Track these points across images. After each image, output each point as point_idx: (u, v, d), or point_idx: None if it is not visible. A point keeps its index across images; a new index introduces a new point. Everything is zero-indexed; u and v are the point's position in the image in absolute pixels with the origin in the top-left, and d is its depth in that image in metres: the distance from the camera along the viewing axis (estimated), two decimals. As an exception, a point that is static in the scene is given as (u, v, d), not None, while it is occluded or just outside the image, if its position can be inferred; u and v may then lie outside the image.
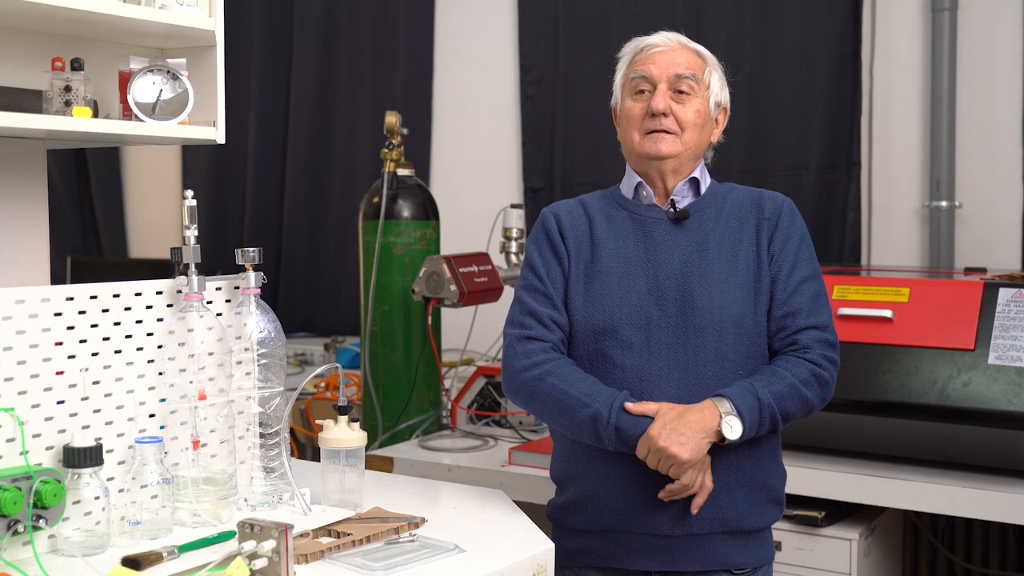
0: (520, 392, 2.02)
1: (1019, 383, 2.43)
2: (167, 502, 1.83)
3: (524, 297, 2.07)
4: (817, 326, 2.00)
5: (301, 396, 3.64)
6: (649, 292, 2.00)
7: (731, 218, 2.05)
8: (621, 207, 2.09)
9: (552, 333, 2.03)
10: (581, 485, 2.05)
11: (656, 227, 2.05)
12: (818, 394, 1.98)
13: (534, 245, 2.11)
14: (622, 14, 4.03)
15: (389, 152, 3.26)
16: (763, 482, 2.02)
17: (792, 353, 1.98)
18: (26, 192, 2.22)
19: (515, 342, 2.03)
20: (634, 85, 2.05)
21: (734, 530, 1.99)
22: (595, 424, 1.92)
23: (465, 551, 1.77)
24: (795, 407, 1.95)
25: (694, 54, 2.07)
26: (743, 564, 2.02)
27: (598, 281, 2.03)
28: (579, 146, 4.20)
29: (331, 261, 4.85)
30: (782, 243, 2.04)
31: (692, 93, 2.03)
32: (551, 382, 1.96)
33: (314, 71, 4.85)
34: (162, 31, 2.08)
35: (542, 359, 1.99)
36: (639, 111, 2.04)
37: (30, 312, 1.74)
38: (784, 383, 1.94)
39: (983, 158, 3.51)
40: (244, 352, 2.02)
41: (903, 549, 3.00)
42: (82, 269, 4.69)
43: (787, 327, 2.00)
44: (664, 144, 2.02)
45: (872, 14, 3.66)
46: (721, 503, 1.97)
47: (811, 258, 2.06)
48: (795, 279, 2.01)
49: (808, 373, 1.96)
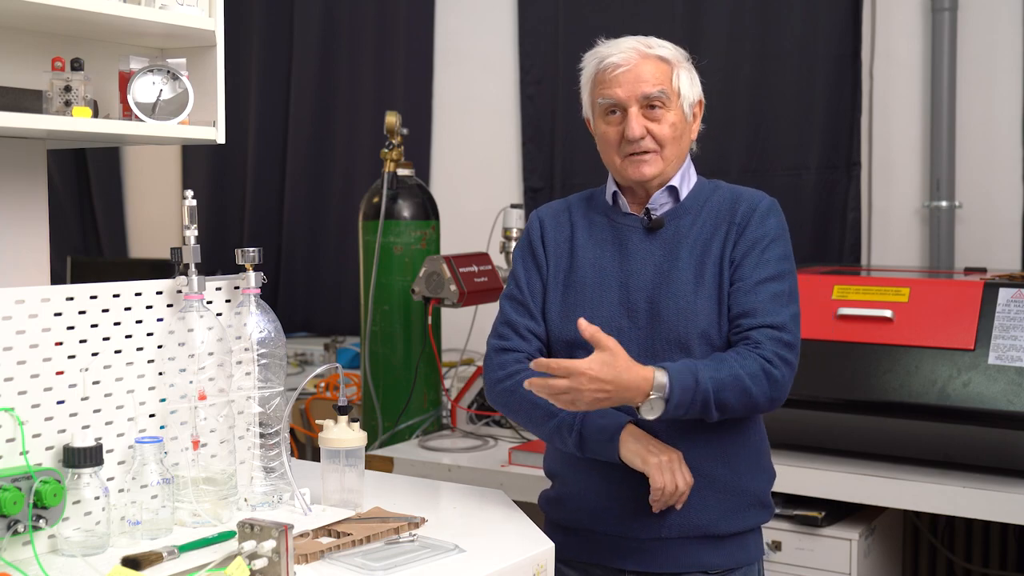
0: (498, 403, 2.07)
1: (1019, 383, 2.43)
2: (167, 502, 1.83)
3: (505, 307, 2.10)
4: (773, 325, 1.92)
5: (301, 396, 3.64)
6: (620, 303, 1.99)
7: (706, 224, 2.01)
8: (603, 213, 2.08)
9: (528, 344, 2.05)
10: (562, 483, 2.09)
11: (631, 235, 2.03)
12: (764, 391, 1.89)
13: (519, 252, 2.13)
14: (622, 14, 4.03)
15: (389, 152, 3.26)
16: (739, 487, 2.00)
17: (745, 346, 1.92)
18: (26, 192, 2.22)
19: (493, 353, 2.07)
20: (604, 108, 2.01)
21: (707, 535, 1.98)
22: (560, 432, 1.95)
23: (465, 551, 1.77)
24: (735, 399, 1.88)
25: (657, 62, 1.99)
26: (717, 566, 2.01)
27: (573, 291, 2.04)
28: (579, 146, 4.19)
29: (331, 261, 4.85)
30: (746, 248, 1.97)
31: (664, 107, 1.98)
32: (521, 393, 1.97)
33: (314, 71, 4.85)
34: (162, 31, 2.08)
35: (515, 370, 2.02)
36: (614, 135, 2.00)
37: (30, 312, 1.74)
38: (729, 372, 1.87)
39: (983, 158, 3.51)
40: (244, 352, 2.02)
41: (903, 549, 3.00)
42: (82, 269, 4.69)
43: (740, 325, 1.94)
44: (647, 167, 1.99)
45: (872, 14, 3.66)
46: (690, 509, 1.96)
47: (780, 259, 1.99)
48: (753, 280, 1.95)
49: (757, 368, 1.88)
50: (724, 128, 3.76)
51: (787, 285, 1.98)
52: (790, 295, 1.98)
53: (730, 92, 3.79)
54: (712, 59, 3.74)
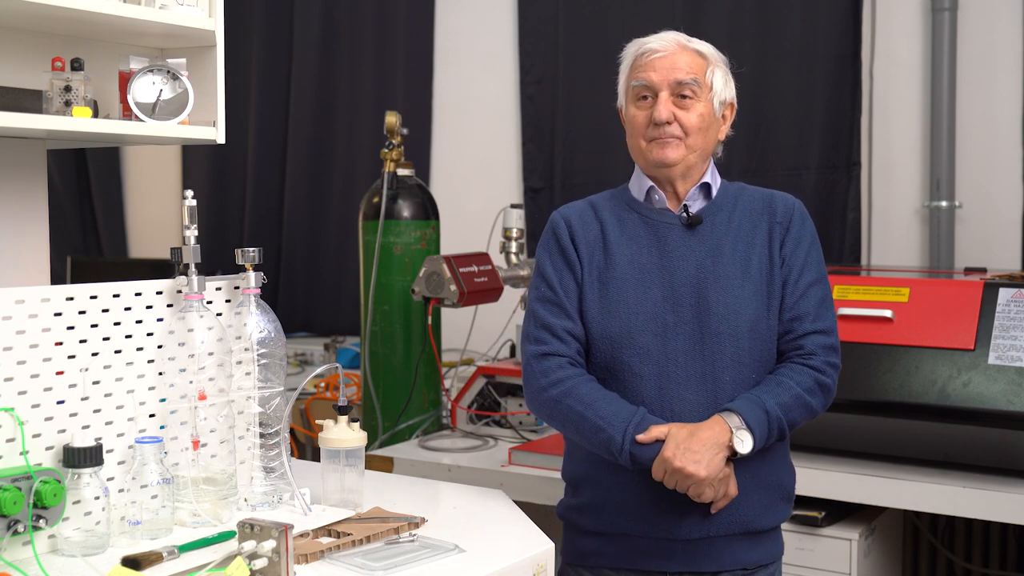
0: (542, 412, 2.04)
1: (1019, 383, 2.43)
2: (167, 502, 1.83)
3: (538, 310, 2.05)
4: (823, 331, 2.01)
5: (301, 396, 3.64)
6: (664, 298, 1.99)
7: (743, 221, 2.05)
8: (633, 210, 2.08)
9: (568, 346, 2.01)
10: (597, 489, 2.04)
11: (670, 232, 2.04)
12: (821, 401, 2.00)
13: (545, 253, 2.08)
14: (622, 14, 4.03)
15: (389, 152, 3.26)
16: (775, 481, 2.04)
17: (797, 359, 2.00)
18: (26, 192, 2.22)
19: (533, 360, 2.02)
20: (636, 92, 2.03)
21: (749, 531, 2.01)
22: (610, 448, 1.93)
23: (465, 551, 1.77)
24: (800, 416, 1.97)
25: (695, 55, 2.04)
26: (756, 562, 2.03)
27: (613, 287, 2.02)
28: (579, 146, 4.20)
29: (331, 261, 4.85)
30: (793, 246, 2.04)
31: (695, 97, 2.01)
32: (568, 403, 1.96)
33: (314, 71, 4.85)
34: (162, 31, 2.08)
35: (560, 377, 1.98)
36: (643, 119, 2.03)
37: (30, 312, 1.74)
38: (790, 393, 1.95)
39: (983, 158, 3.51)
40: (244, 352, 2.02)
41: (903, 549, 3.00)
42: (82, 269, 4.69)
43: (793, 330, 2.01)
44: (670, 150, 2.01)
45: (872, 14, 3.66)
46: (738, 505, 1.97)
47: (819, 262, 2.07)
48: (804, 282, 2.02)
49: (812, 381, 1.98)
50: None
51: (828, 288, 2.07)
52: (831, 298, 2.07)
53: (733, 89, 3.79)
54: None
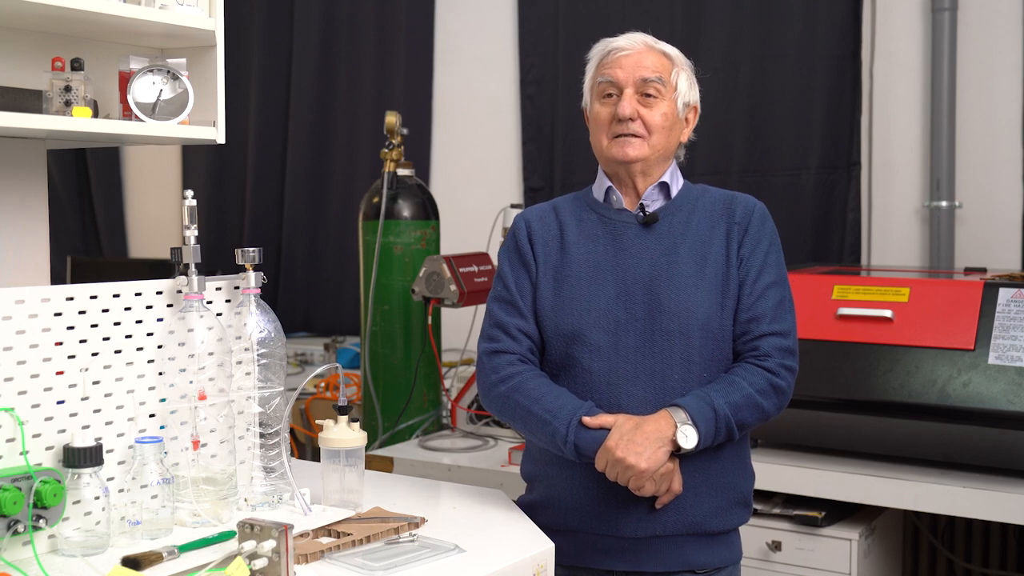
0: (493, 408, 2.06)
1: (1019, 383, 2.43)
2: (167, 502, 1.83)
3: (493, 309, 2.09)
4: (779, 332, 2.00)
5: (301, 396, 3.64)
6: (617, 296, 2.00)
7: (701, 221, 2.05)
8: (592, 210, 2.09)
9: (519, 344, 2.04)
10: (547, 486, 2.07)
11: (626, 230, 2.05)
12: (774, 402, 1.98)
13: (504, 254, 2.13)
14: (622, 14, 4.03)
15: (389, 152, 3.26)
16: (729, 484, 2.02)
17: (752, 360, 1.99)
18: (26, 192, 2.22)
19: (484, 357, 2.06)
20: (601, 89, 2.05)
21: (699, 532, 2.00)
22: (555, 441, 1.94)
23: (465, 551, 1.77)
24: (751, 416, 1.96)
25: (661, 55, 2.06)
26: (707, 565, 2.02)
27: (567, 285, 2.04)
28: (579, 146, 4.19)
29: (331, 261, 4.85)
30: (752, 247, 2.03)
31: (659, 96, 2.02)
32: (516, 398, 1.99)
33: (314, 71, 4.85)
34: (162, 31, 2.08)
35: (509, 373, 2.01)
36: (606, 115, 2.04)
37: (30, 312, 1.74)
38: (741, 393, 1.94)
39: (983, 158, 3.51)
40: (244, 352, 2.02)
41: (903, 549, 3.00)
42: (82, 269, 4.69)
43: (750, 331, 2.00)
44: (631, 148, 2.02)
45: (872, 14, 3.66)
46: (686, 505, 1.97)
47: (778, 264, 2.06)
48: (761, 284, 2.02)
49: (765, 382, 1.96)
50: (724, 128, 3.76)
51: (787, 290, 2.05)
52: (791, 300, 2.05)
53: (730, 92, 3.79)
54: (712, 59, 3.74)
